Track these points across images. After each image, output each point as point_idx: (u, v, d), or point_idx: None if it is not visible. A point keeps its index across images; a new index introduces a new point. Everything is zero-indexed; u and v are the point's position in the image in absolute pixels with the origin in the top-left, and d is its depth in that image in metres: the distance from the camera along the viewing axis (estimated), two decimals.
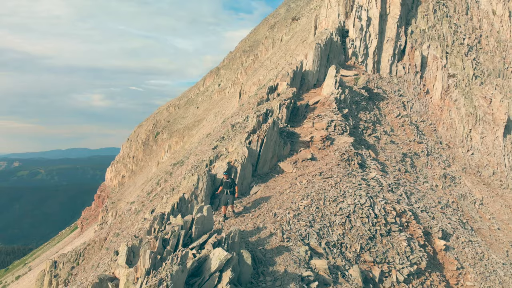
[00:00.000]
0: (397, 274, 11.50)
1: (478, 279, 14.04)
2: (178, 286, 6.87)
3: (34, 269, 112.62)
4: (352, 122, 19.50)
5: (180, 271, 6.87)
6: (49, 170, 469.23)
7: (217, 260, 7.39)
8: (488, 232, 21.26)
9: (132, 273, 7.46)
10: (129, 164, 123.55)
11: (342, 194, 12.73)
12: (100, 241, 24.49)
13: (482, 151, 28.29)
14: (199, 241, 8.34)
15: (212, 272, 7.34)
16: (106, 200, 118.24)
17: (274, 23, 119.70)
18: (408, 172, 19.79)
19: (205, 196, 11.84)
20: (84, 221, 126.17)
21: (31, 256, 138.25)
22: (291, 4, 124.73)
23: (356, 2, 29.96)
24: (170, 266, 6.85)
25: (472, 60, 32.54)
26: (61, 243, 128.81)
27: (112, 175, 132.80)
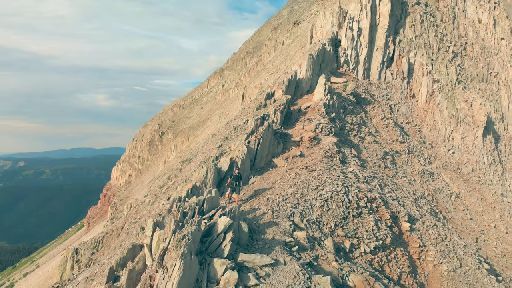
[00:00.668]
0: (365, 246, 14.60)
1: (438, 256, 17.10)
2: (196, 241, 10.01)
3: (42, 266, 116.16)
4: (338, 124, 22.59)
5: (197, 230, 10.02)
6: (53, 169, 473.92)
7: (222, 225, 10.55)
8: (460, 221, 24.29)
9: (162, 234, 10.61)
10: (135, 164, 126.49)
11: (322, 184, 15.86)
12: (117, 229, 27.71)
13: (463, 150, 31.28)
14: (209, 214, 11.51)
15: (219, 233, 10.50)
16: (112, 199, 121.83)
17: (277, 25, 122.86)
18: (388, 168, 22.85)
19: (212, 184, 15.00)
20: (91, 219, 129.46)
21: (38, 254, 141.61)
22: (294, 6, 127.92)
23: (348, 14, 33.03)
24: (190, 226, 9.99)
25: (457, 66, 35.51)
26: (68, 241, 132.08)
27: (118, 174, 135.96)
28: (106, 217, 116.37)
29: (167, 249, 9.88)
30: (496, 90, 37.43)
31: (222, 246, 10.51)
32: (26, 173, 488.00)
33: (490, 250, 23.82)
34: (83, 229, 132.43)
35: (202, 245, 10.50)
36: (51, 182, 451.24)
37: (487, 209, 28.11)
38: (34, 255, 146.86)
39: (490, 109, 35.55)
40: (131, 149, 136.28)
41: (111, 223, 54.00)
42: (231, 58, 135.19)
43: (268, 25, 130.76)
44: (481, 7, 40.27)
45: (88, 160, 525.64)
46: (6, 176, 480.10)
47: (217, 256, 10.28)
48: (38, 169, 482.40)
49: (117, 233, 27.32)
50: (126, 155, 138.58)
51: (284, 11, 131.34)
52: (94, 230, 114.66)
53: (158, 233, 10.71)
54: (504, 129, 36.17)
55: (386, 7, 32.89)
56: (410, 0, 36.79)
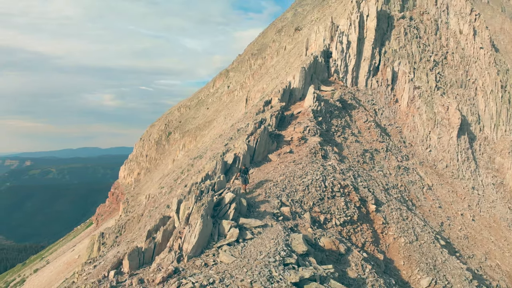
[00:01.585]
0: (336, 220, 19.43)
1: (397, 231, 21.88)
2: (210, 208, 14.90)
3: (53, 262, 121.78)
4: (325, 127, 27.45)
5: (211, 201, 14.93)
6: (60, 169, 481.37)
7: (228, 198, 15.45)
8: (428, 208, 29.04)
9: (186, 205, 15.51)
10: (143, 163, 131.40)
11: (305, 173, 20.73)
12: (137, 216, 32.71)
13: (439, 149, 35.97)
14: (219, 192, 16.42)
15: (226, 204, 15.41)
16: (120, 197, 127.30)
17: (281, 27, 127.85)
18: (366, 163, 27.65)
19: (220, 173, 19.92)
20: (99, 217, 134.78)
21: (47, 251, 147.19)
22: (298, 8, 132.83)
23: (339, 29, 37.82)
24: (206, 198, 14.89)
25: (437, 73, 40.18)
26: (77, 238, 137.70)
27: (126, 173, 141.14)
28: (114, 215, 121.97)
29: (191, 213, 14.76)
30: (474, 95, 42.01)
31: (228, 212, 15.42)
32: (33, 173, 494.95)
33: (453, 233, 28.54)
34: (92, 226, 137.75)
35: (214, 212, 15.41)
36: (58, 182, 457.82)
37: (456, 200, 32.81)
38: (43, 252, 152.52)
39: (467, 112, 40.18)
40: (138, 149, 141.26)
41: (125, 216, 59.10)
42: (236, 60, 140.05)
43: (272, 27, 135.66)
44: (462, 19, 44.85)
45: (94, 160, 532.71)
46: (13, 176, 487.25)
47: (225, 219, 15.18)
48: (44, 169, 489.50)
49: (137, 219, 32.33)
50: (133, 154, 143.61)
51: (288, 14, 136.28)
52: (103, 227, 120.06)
53: (184, 204, 15.60)
54: (480, 130, 40.78)
55: (372, 22, 37.63)
56: (396, 15, 41.49)
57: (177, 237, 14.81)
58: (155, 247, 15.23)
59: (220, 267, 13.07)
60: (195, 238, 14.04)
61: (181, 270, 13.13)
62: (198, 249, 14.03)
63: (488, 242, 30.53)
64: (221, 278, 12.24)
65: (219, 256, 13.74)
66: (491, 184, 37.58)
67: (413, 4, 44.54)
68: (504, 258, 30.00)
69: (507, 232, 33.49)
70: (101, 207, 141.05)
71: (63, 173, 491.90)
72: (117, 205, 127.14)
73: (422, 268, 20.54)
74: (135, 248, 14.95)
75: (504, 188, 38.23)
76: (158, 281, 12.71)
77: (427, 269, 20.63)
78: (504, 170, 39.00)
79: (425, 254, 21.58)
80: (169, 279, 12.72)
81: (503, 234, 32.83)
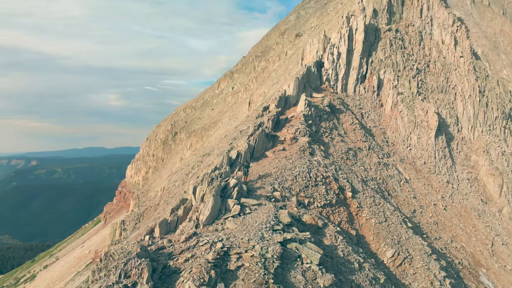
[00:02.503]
0: (317, 203, 24.81)
1: (369, 214, 27.21)
2: (219, 190, 20.34)
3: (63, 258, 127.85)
4: (314, 129, 32.85)
5: (220, 185, 20.40)
6: (65, 168, 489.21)
7: (232, 183, 20.92)
8: (403, 198, 34.33)
9: (200, 188, 20.96)
10: (149, 162, 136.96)
11: (294, 167, 26.13)
12: (154, 206, 38.25)
13: (418, 147, 41.24)
14: (225, 179, 21.89)
15: (230, 187, 20.88)
16: (128, 195, 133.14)
17: (285, 30, 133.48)
18: (349, 159, 33.00)
19: (226, 165, 25.38)
20: (107, 215, 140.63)
21: (56, 248, 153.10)
22: (301, 11, 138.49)
23: (330, 41, 43.16)
24: (216, 183, 20.33)
25: (419, 80, 45.42)
26: (86, 235, 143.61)
27: (133, 172, 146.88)
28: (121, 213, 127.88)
29: (204, 194, 20.20)
30: (453, 99, 47.18)
31: (232, 194, 20.86)
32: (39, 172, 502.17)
33: (424, 219, 33.83)
34: (100, 224, 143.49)
35: (222, 193, 20.85)
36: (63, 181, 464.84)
37: (431, 192, 38.08)
38: (52, 250, 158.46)
39: (446, 115, 45.38)
40: (145, 148, 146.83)
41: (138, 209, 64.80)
42: (241, 62, 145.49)
43: (276, 29, 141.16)
44: (445, 30, 50.02)
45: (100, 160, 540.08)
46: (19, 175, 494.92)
47: (230, 198, 20.61)
48: (50, 168, 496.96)
49: (154, 208, 37.91)
50: (140, 154, 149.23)
51: (291, 17, 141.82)
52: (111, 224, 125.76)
53: (199, 188, 21.04)
54: (458, 131, 45.96)
55: (360, 36, 42.92)
56: (383, 28, 46.75)
57: (195, 211, 20.28)
58: (178, 220, 20.75)
59: (226, 231, 18.54)
60: (208, 212, 19.50)
61: (198, 233, 18.60)
62: (211, 219, 19.50)
63: (457, 228, 35.79)
64: (227, 237, 17.69)
65: (226, 224, 19.21)
66: (466, 179, 42.76)
67: (399, 17, 49.77)
68: (470, 242, 35.25)
69: (476, 220, 38.70)
70: (109, 205, 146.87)
71: (68, 173, 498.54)
72: (125, 203, 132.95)
73: (388, 243, 25.90)
74: (163, 220, 20.47)
75: (478, 183, 43.39)
76: (182, 240, 18.18)
77: (392, 243, 25.98)
78: (478, 167, 44.14)
79: (392, 233, 26.92)
80: (190, 238, 18.17)
81: (472, 222, 38.05)
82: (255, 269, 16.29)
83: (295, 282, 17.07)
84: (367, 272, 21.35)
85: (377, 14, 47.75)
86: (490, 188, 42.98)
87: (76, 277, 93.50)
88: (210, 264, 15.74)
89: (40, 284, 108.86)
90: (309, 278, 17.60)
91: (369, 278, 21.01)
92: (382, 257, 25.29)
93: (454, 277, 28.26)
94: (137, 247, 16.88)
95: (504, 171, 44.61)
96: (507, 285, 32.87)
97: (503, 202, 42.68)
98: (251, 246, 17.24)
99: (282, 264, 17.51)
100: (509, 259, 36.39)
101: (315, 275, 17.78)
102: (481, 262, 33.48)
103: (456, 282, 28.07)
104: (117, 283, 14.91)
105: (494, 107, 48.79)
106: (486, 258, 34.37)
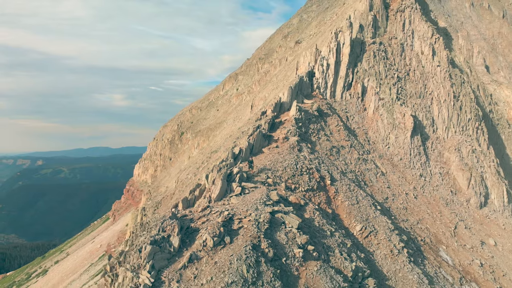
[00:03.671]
0: (302, 188, 32.46)
1: (344, 198, 34.83)
2: (225, 177, 28.11)
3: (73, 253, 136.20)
4: (303, 130, 40.53)
5: (226, 173, 28.17)
6: (71, 168, 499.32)
7: (235, 171, 28.76)
8: (378, 187, 41.89)
9: (211, 175, 28.69)
10: (156, 161, 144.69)
11: (284, 160, 33.84)
12: (170, 195, 46.06)
13: (395, 146, 48.77)
14: (230, 168, 29.65)
15: (234, 174, 28.66)
16: (135, 193, 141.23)
17: (287, 33, 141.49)
18: (332, 155, 40.62)
19: (231, 159, 33.15)
20: (116, 212, 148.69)
21: (66, 245, 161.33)
22: (303, 15, 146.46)
23: (321, 54, 50.79)
24: (223, 172, 28.05)
25: (399, 87, 52.93)
26: (96, 232, 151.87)
27: (140, 171, 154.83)
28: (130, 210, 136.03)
29: (215, 179, 27.94)
30: (430, 103, 54.62)
31: (235, 179, 28.60)
32: (45, 172, 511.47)
33: (394, 205, 41.38)
34: (109, 221, 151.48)
35: (228, 178, 28.59)
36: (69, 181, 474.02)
37: (404, 183, 45.62)
38: (62, 246, 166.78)
39: (423, 118, 52.88)
40: (152, 148, 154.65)
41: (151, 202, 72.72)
42: (245, 64, 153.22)
43: (279, 32, 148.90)
44: (424, 42, 57.46)
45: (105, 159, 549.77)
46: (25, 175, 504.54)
47: (233, 182, 28.32)
48: (56, 168, 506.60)
49: (170, 197, 45.75)
50: (147, 153, 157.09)
51: (294, 20, 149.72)
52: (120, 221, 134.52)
53: (210, 175, 28.76)
54: (433, 131, 53.43)
55: (347, 49, 50.51)
56: (368, 41, 54.28)
57: (208, 191, 28.06)
58: (195, 198, 28.55)
59: (231, 205, 26.30)
60: (217, 191, 27.28)
61: (211, 206, 26.36)
62: (219, 197, 27.27)
63: (424, 213, 43.32)
64: (231, 208, 25.45)
65: (231, 200, 26.97)
66: (438, 173, 50.21)
67: (384, 30, 57.26)
68: (435, 225, 42.77)
69: (443, 208, 46.17)
70: (117, 203, 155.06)
71: (74, 173, 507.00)
72: (133, 200, 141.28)
73: (358, 219, 33.54)
74: (184, 198, 28.28)
75: (449, 177, 50.80)
76: (199, 211, 25.96)
77: (361, 220, 33.62)
78: (450, 162, 51.55)
79: (362, 212, 34.56)
80: (205, 210, 25.93)
81: (439, 209, 45.54)
82: (251, 229, 24.04)
83: (280, 239, 24.84)
84: (337, 238, 29.04)
85: (363, 29, 55.29)
86: (460, 181, 50.42)
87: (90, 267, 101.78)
88: (219, 224, 23.57)
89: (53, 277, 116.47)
90: (290, 237, 25.33)
91: (338, 243, 28.69)
92: (352, 230, 32.92)
93: (413, 249, 35.84)
94: (169, 213, 24.73)
95: (473, 166, 52.02)
96: (464, 259, 40.41)
97: (470, 193, 50.12)
98: (249, 214, 25.01)
99: (271, 227, 25.26)
100: (469, 240, 43.89)
101: (294, 235, 25.50)
102: (442, 240, 41.02)
103: (415, 253, 35.64)
104: (157, 235, 22.72)
105: (468, 110, 56.18)
106: (448, 238, 41.88)
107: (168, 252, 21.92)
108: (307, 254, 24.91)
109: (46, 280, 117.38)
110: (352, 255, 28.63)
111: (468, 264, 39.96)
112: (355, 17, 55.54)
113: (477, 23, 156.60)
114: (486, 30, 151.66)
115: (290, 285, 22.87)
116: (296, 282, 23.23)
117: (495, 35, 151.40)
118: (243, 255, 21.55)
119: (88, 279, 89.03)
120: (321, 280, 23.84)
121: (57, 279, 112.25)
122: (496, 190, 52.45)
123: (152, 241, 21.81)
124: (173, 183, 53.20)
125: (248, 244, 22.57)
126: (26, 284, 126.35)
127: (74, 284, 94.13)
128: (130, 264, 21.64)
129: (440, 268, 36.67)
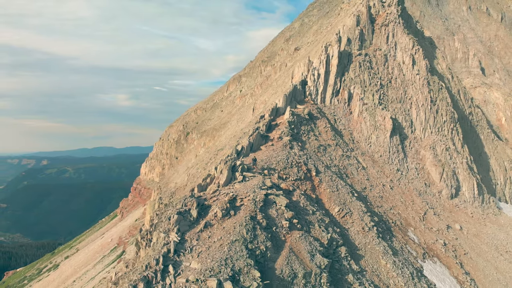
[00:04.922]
0: (291, 178, 41.33)
1: (326, 186, 43.68)
2: (231, 167, 37.05)
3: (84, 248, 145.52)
4: (295, 131, 49.44)
5: (231, 165, 37.11)
6: (76, 168, 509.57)
7: (238, 163, 37.66)
8: (357, 179, 50.68)
9: (220, 166, 37.62)
10: (163, 160, 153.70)
11: (278, 155, 42.77)
12: (183, 186, 55.02)
13: (376, 144, 57.54)
14: (234, 161, 38.62)
15: (237, 166, 37.63)
16: (142, 191, 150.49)
17: (289, 36, 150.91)
18: (320, 152, 49.48)
19: (235, 155, 42.07)
20: (124, 210, 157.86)
21: (76, 241, 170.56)
22: (305, 19, 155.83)
23: (312, 65, 59.64)
24: (229, 164, 36.99)
25: (382, 93, 61.66)
26: (104, 228, 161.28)
27: (147, 170, 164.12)
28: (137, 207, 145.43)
29: (222, 169, 36.85)
30: (409, 107, 63.34)
31: (238, 169, 37.51)
32: (50, 172, 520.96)
33: (372, 194, 50.15)
34: (117, 218, 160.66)
35: (232, 169, 37.52)
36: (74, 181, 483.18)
37: (382, 176, 54.40)
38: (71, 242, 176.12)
39: (402, 120, 61.61)
40: (158, 148, 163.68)
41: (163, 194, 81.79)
42: (248, 66, 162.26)
43: (281, 36, 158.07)
44: (405, 52, 66.15)
45: (110, 159, 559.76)
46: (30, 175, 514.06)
47: (237, 172, 37.20)
48: (61, 168, 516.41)
49: (183, 188, 54.76)
50: (153, 153, 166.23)
51: (296, 24, 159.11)
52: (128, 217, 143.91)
53: (218, 166, 37.66)
54: (412, 132, 62.16)
55: (335, 61, 59.33)
56: (354, 53, 63.07)
57: (217, 178, 37.01)
58: (207, 184, 37.55)
59: (234, 189, 35.25)
60: (224, 179, 36.24)
61: (219, 190, 35.31)
62: (226, 183, 36.23)
63: (397, 201, 52.08)
64: (235, 191, 34.41)
65: (234, 186, 35.93)
66: (414, 168, 58.94)
67: (370, 43, 65.99)
68: (406, 211, 51.54)
69: (416, 198, 54.91)
70: (124, 201, 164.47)
71: (79, 172, 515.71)
72: (140, 198, 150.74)
73: (337, 203, 42.39)
74: (199, 184, 37.27)
75: (424, 171, 59.50)
76: (211, 193, 34.91)
77: (339, 204, 42.47)
78: (425, 159, 60.25)
79: (340, 197, 43.41)
80: (215, 192, 34.86)
81: (412, 198, 54.28)
82: (250, 206, 32.97)
83: (271, 214, 33.76)
84: (317, 216, 37.94)
85: (350, 42, 64.07)
86: (433, 175, 59.13)
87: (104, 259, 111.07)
88: (226, 202, 32.53)
89: (66, 270, 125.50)
90: (279, 213, 34.27)
91: (318, 219, 37.58)
92: (332, 211, 41.78)
93: (383, 228, 44.62)
94: (189, 193, 33.76)
95: (446, 162, 60.69)
96: (429, 239, 49.15)
97: (442, 186, 58.82)
98: (248, 195, 33.93)
99: (265, 205, 34.20)
100: (436, 224, 52.63)
101: (283, 211, 34.43)
102: (411, 224, 49.80)
103: (384, 231, 44.43)
104: (181, 208, 31.69)
105: (444, 113, 64.85)
106: (416, 222, 50.66)
107: (189, 221, 30.87)
108: (292, 225, 33.78)
109: (59, 273, 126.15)
110: (329, 228, 37.51)
111: (432, 243, 48.72)
112: (343, 31, 64.34)
113: (474, 26, 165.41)
114: (483, 33, 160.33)
115: (279, 246, 31.74)
116: (283, 244, 32.08)
117: (492, 37, 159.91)
118: (243, 222, 30.47)
119: (104, 267, 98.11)
120: (302, 244, 32.69)
121: (70, 271, 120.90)
122: (467, 184, 61.10)
123: (177, 212, 30.81)
124: (185, 177, 62.08)
125: (248, 216, 31.47)
126: (38, 278, 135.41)
127: (89, 274, 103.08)
128: (161, 230, 30.61)
129: (406, 245, 45.48)
